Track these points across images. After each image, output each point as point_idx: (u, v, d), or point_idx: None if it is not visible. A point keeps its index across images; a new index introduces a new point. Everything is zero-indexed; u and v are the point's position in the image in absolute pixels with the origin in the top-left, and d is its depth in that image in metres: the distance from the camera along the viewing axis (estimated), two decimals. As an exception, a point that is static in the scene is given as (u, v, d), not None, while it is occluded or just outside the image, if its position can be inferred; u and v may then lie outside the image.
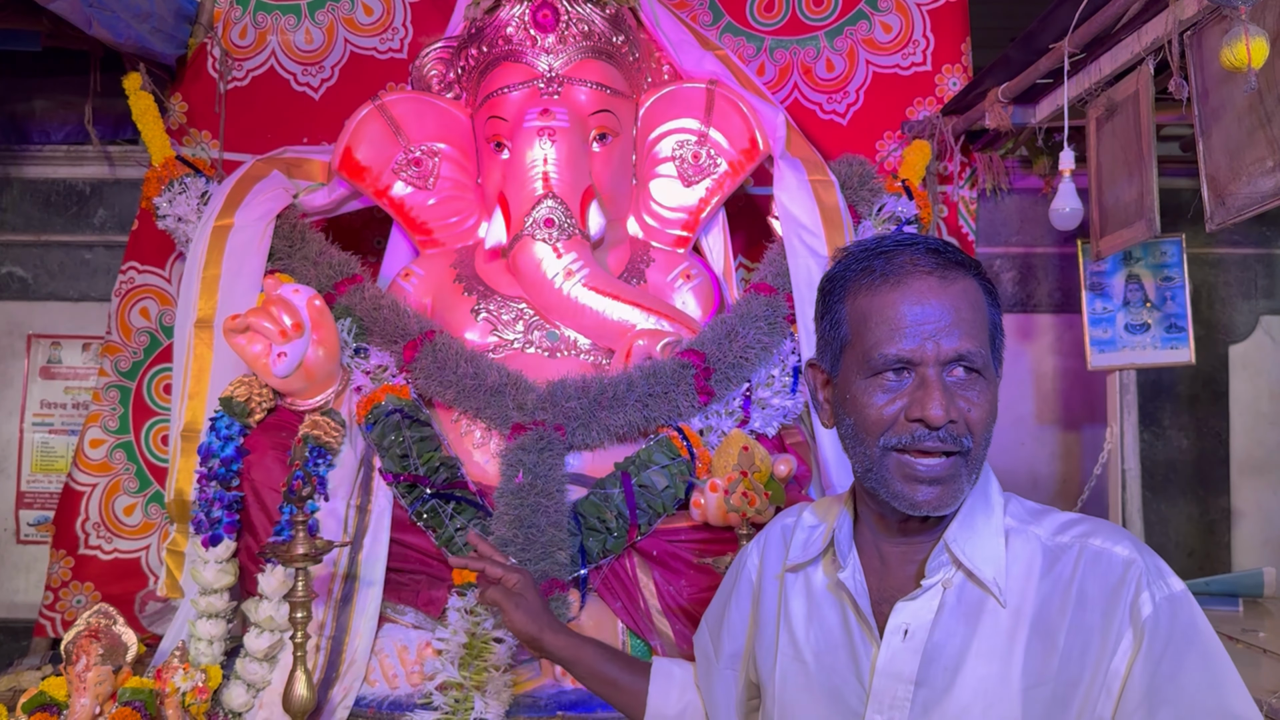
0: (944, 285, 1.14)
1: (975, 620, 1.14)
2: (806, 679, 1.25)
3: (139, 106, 3.21)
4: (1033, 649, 1.11)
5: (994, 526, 1.18)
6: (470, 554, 1.61)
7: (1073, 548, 1.14)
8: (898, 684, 1.15)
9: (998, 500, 1.21)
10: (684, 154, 3.04)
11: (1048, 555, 1.15)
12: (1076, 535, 1.15)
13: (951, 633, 1.14)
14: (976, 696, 1.11)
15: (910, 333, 1.12)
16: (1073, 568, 1.12)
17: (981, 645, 1.13)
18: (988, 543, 1.16)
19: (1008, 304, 3.81)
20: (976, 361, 1.13)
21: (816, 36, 3.61)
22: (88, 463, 3.36)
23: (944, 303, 1.13)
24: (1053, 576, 1.13)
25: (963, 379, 1.13)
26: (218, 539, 2.40)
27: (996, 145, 3.54)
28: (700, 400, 2.66)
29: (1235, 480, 3.79)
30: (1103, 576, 1.11)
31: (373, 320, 2.75)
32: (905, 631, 1.16)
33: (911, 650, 1.15)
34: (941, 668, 1.13)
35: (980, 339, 1.14)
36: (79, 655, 2.10)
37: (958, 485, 1.14)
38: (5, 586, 3.64)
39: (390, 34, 3.59)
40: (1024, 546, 1.16)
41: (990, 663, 1.11)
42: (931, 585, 1.16)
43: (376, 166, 3.00)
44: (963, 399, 1.13)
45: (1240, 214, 2.27)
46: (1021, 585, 1.14)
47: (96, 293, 3.67)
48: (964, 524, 1.17)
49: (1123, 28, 2.61)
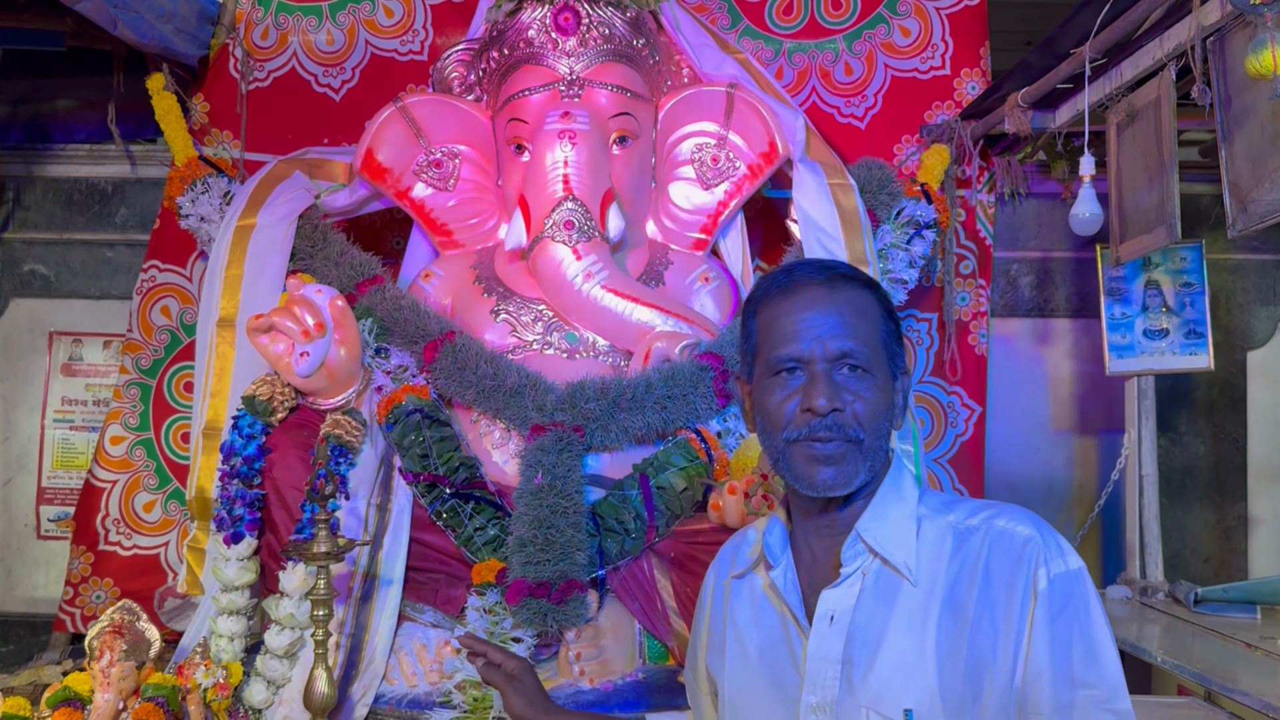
0: (831, 293, 1.27)
1: (892, 601, 1.24)
2: (751, 674, 1.34)
3: (162, 106, 3.24)
4: (944, 623, 1.21)
5: (905, 514, 1.28)
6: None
7: (980, 529, 1.25)
8: (827, 665, 1.24)
9: (911, 492, 1.31)
10: (703, 157, 3.05)
11: (957, 537, 1.25)
12: (984, 518, 1.26)
13: (872, 614, 1.24)
14: (896, 670, 1.21)
15: (801, 335, 1.26)
16: (979, 547, 1.23)
17: (898, 623, 1.23)
18: (898, 529, 1.27)
19: (1025, 308, 3.81)
20: (860, 359, 1.25)
21: (835, 40, 3.61)
22: (108, 459, 3.39)
23: (830, 308, 1.26)
24: (961, 556, 1.24)
25: (850, 375, 1.25)
26: (239, 537, 2.41)
27: (1015, 150, 3.53)
28: (718, 403, 2.66)
29: (1253, 487, 3.77)
30: (1005, 553, 1.21)
31: (393, 320, 2.76)
32: (831, 617, 1.26)
33: (837, 633, 1.25)
34: (864, 645, 1.23)
35: (865, 340, 1.26)
36: (103, 651, 2.12)
37: (852, 467, 1.25)
38: (26, 581, 3.67)
39: (410, 36, 3.61)
40: (935, 531, 1.27)
41: (907, 638, 1.21)
42: (850, 573, 1.27)
43: (398, 168, 3.02)
44: (849, 392, 1.24)
45: (1263, 220, 2.27)
46: (932, 566, 1.24)
47: (118, 291, 3.70)
48: (875, 514, 1.28)
49: (1144, 33, 2.60)
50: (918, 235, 3.04)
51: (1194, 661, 2.45)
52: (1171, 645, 2.63)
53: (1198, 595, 2.96)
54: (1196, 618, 2.88)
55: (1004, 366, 3.76)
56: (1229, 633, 2.70)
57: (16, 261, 3.73)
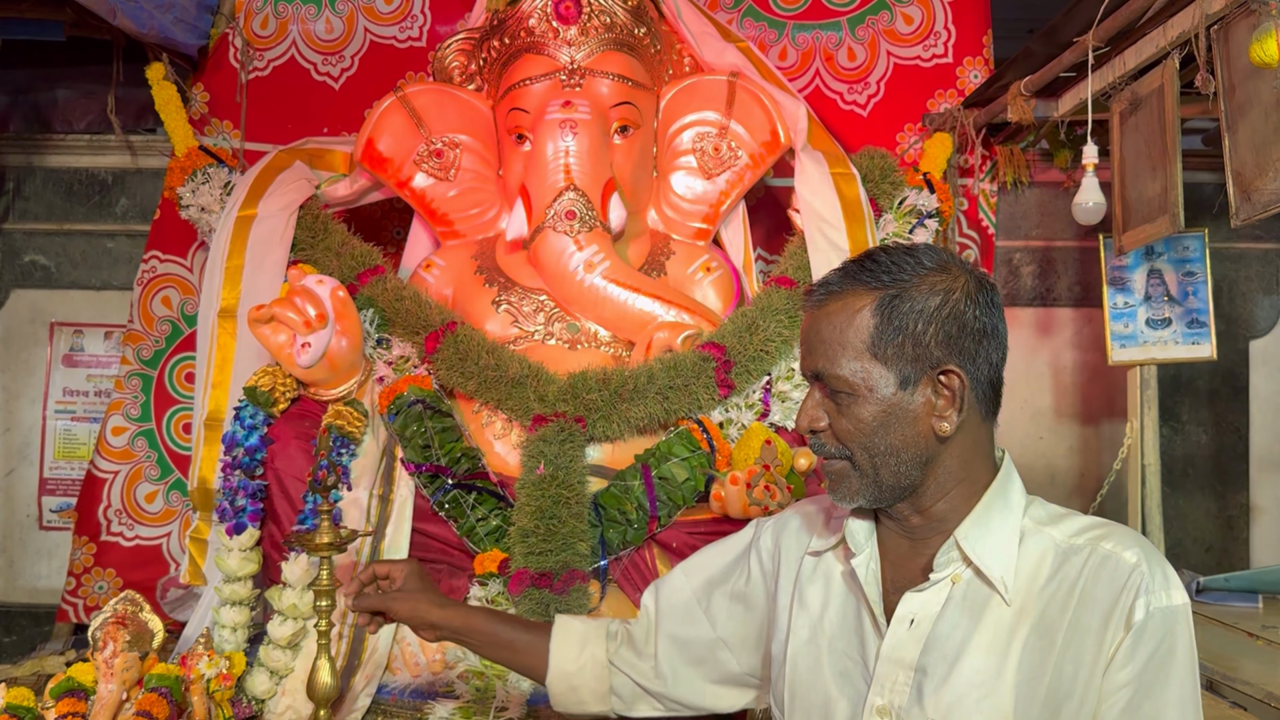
0: (815, 313, 1.25)
1: (979, 615, 1.18)
2: (817, 660, 1.30)
3: (162, 96, 3.23)
4: (1030, 646, 1.15)
5: (1010, 527, 1.21)
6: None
7: (1084, 549, 1.17)
8: (899, 669, 1.20)
9: (1018, 502, 1.24)
10: (705, 146, 3.03)
11: (1059, 556, 1.18)
12: (1090, 538, 1.18)
13: (955, 625, 1.19)
14: (971, 687, 1.15)
15: (801, 354, 1.29)
16: (1080, 569, 1.16)
17: (982, 639, 1.17)
18: (1000, 542, 1.20)
19: (1027, 298, 3.81)
20: (832, 382, 1.22)
21: (839, 22, 3.60)
22: (110, 450, 3.39)
23: (811, 329, 1.25)
24: (1060, 577, 1.17)
25: (832, 395, 1.23)
26: (242, 527, 2.41)
27: (1018, 138, 3.52)
28: (720, 393, 2.66)
29: (1254, 476, 3.78)
30: (1108, 580, 1.14)
31: (395, 311, 2.76)
32: (911, 621, 1.21)
33: (915, 639, 1.20)
34: (941, 657, 1.18)
35: (837, 359, 1.21)
36: (106, 642, 2.11)
37: (850, 485, 1.23)
38: (28, 572, 3.68)
39: (409, 22, 3.59)
40: (1037, 547, 1.20)
41: (988, 656, 1.16)
42: (939, 579, 1.21)
43: (398, 158, 3.01)
44: (829, 412, 1.24)
45: (1266, 209, 2.26)
46: (1028, 585, 1.18)
47: (118, 281, 3.70)
48: (977, 522, 1.21)
49: (1148, 21, 2.59)
50: (920, 225, 3.04)
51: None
52: (1173, 634, 2.63)
53: (1200, 584, 2.96)
54: (1198, 607, 2.88)
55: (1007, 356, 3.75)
56: (1231, 622, 2.70)
57: (17, 252, 3.73)
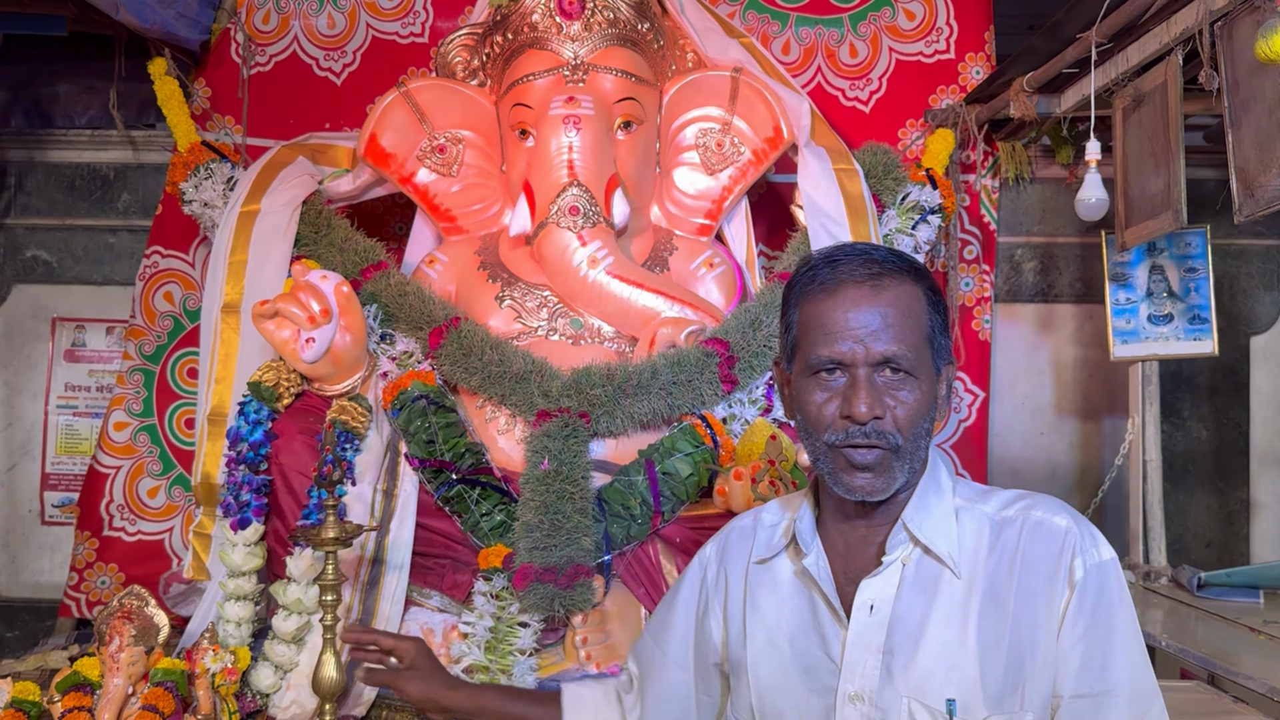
0: (875, 293, 1.24)
1: (933, 591, 1.25)
2: (781, 662, 1.33)
3: (164, 91, 3.23)
4: (985, 614, 1.22)
5: (945, 506, 1.29)
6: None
7: (1016, 520, 1.26)
8: (867, 655, 1.24)
9: (948, 483, 1.32)
10: (708, 142, 3.04)
11: (994, 528, 1.26)
12: (1020, 509, 1.27)
13: (912, 604, 1.25)
14: (938, 660, 1.21)
15: (842, 337, 1.23)
16: (1017, 538, 1.24)
17: (940, 614, 1.23)
18: (941, 521, 1.27)
19: (1028, 294, 3.80)
20: (904, 364, 1.23)
21: (841, 19, 3.60)
22: (112, 445, 3.40)
23: (874, 309, 1.23)
24: (999, 547, 1.25)
25: (892, 379, 1.23)
26: (246, 522, 2.42)
27: (1020, 134, 3.53)
28: (724, 389, 2.67)
29: (1255, 472, 3.78)
30: (1044, 544, 1.23)
31: (398, 306, 2.76)
32: (871, 607, 1.26)
33: (878, 623, 1.25)
34: (905, 635, 1.23)
35: (910, 342, 1.24)
36: (112, 636, 2.12)
37: (890, 474, 1.24)
38: (30, 567, 3.68)
39: (411, 18, 3.59)
40: (973, 522, 1.28)
41: (948, 629, 1.22)
42: (892, 562, 1.27)
43: (401, 153, 3.01)
44: (890, 397, 1.23)
45: (1270, 206, 2.27)
46: (972, 557, 1.25)
47: (120, 276, 3.69)
48: (919, 505, 1.28)
49: (1151, 18, 2.59)
50: (923, 220, 3.04)
51: (1197, 645, 2.46)
52: (1175, 629, 2.65)
53: (1201, 580, 2.96)
54: (1199, 602, 2.89)
55: (1007, 352, 3.76)
56: (1232, 617, 2.71)
57: (19, 247, 3.72)
